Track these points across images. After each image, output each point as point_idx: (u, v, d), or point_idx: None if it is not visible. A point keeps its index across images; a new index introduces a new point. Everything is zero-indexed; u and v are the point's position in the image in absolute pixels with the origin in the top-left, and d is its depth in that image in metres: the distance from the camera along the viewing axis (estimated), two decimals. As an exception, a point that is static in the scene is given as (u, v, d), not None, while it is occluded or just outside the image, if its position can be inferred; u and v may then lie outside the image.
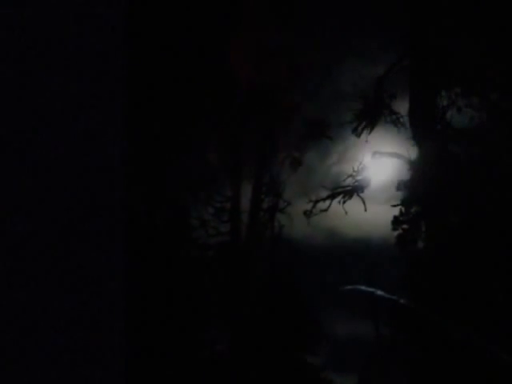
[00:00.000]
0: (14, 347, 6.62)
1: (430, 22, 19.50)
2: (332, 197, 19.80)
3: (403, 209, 20.59)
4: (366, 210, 19.75)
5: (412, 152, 19.31)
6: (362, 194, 19.74)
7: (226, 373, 20.59)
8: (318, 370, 21.66)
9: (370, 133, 20.02)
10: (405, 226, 20.59)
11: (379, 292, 13.35)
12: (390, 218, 20.79)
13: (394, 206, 20.50)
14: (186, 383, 19.74)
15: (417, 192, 19.80)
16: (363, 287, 13.45)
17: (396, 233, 20.79)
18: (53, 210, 7.13)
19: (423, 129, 19.20)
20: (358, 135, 20.12)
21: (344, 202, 19.77)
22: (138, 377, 16.80)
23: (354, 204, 19.80)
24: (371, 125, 19.95)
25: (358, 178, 19.72)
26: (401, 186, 20.68)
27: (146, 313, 19.07)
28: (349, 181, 19.81)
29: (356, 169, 19.77)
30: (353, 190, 19.73)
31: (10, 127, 6.98)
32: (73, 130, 7.20)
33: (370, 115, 19.95)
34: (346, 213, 19.79)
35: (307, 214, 20.14)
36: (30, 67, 7.07)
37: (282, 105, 21.96)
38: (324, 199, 19.90)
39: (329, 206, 19.92)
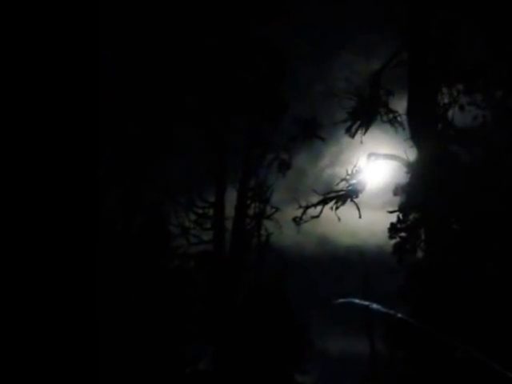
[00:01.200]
0: None
1: (430, 13, 19.36)
2: (324, 202, 19.48)
3: (401, 215, 20.73)
4: (360, 217, 19.40)
5: (410, 154, 19.09)
6: (356, 199, 19.43)
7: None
8: (309, 390, 21.53)
9: (364, 133, 19.82)
10: (403, 234, 20.77)
11: (375, 305, 12.88)
12: (387, 225, 20.97)
13: (391, 212, 20.53)
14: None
15: (416, 197, 19.72)
16: (357, 300, 13.01)
17: (393, 241, 21.01)
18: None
19: (423, 129, 18.95)
20: (352, 135, 19.90)
21: (337, 208, 19.45)
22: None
23: (347, 210, 19.57)
24: (366, 124, 19.76)
25: (352, 181, 19.41)
26: (398, 190, 20.87)
27: (119, 327, 18.89)
28: (342, 185, 19.55)
29: (350, 172, 19.48)
30: (346, 195, 19.42)
31: None
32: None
33: (365, 114, 19.77)
34: (339, 219, 19.47)
35: (297, 220, 19.81)
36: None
37: (269, 103, 22.05)
38: (315, 205, 19.57)
39: (320, 212, 19.61)
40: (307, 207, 19.51)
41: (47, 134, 6.89)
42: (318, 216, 19.54)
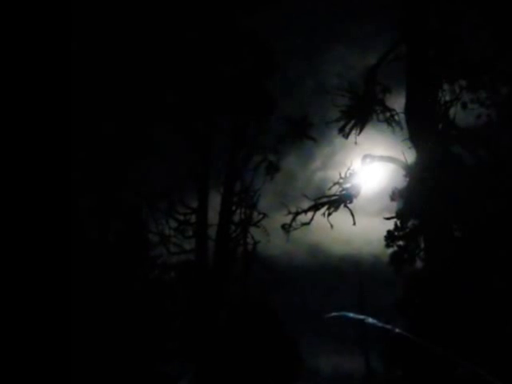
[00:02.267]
0: None
1: (430, 3, 19.19)
2: (315, 208, 19.16)
3: (398, 222, 20.92)
4: (354, 224, 19.05)
5: (409, 155, 18.88)
6: (350, 205, 19.11)
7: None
8: (299, 412, 21.94)
9: (359, 133, 19.57)
10: (400, 243, 20.97)
11: (370, 319, 12.79)
12: (383, 233, 21.21)
13: (388, 218, 20.38)
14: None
15: (414, 202, 19.57)
16: (351, 314, 12.93)
17: (390, 250, 21.27)
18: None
19: (422, 128, 18.75)
20: (346, 136, 19.63)
21: (329, 214, 19.11)
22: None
23: (340, 216, 19.30)
24: (361, 123, 19.52)
25: (346, 185, 19.09)
26: (396, 195, 21.05)
27: (93, 344, 18.79)
28: (335, 189, 19.21)
29: (343, 175, 19.13)
30: (339, 200, 19.12)
31: None
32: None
33: (360, 112, 19.53)
34: (332, 227, 19.15)
35: (286, 227, 19.47)
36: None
37: (256, 100, 22.00)
38: (306, 211, 19.26)
39: (311, 219, 19.29)
40: (297, 213, 19.23)
41: (15, 134, 6.84)
42: (308, 223, 19.29)
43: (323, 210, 19.02)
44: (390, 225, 20.98)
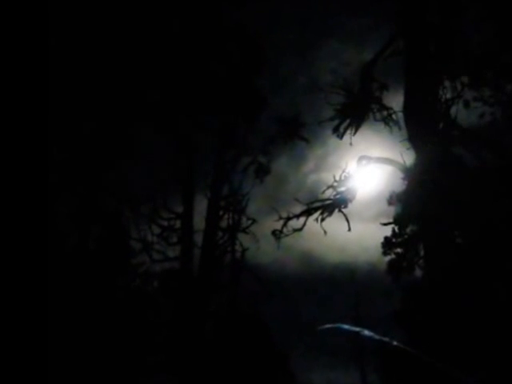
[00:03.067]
0: None
1: None
2: (308, 213, 19.04)
3: (396, 228, 21.07)
4: (349, 230, 18.90)
5: (407, 157, 18.80)
6: (344, 210, 18.96)
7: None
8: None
9: (354, 133, 19.44)
10: (398, 250, 21.11)
11: (366, 332, 12.93)
12: (380, 240, 21.37)
13: (385, 224, 20.29)
14: None
15: (413, 207, 19.55)
16: (346, 326, 13.06)
17: (388, 258, 21.44)
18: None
19: (421, 128, 18.65)
20: (340, 136, 19.50)
21: (322, 220, 18.97)
22: None
23: (334, 222, 19.19)
24: (356, 123, 19.42)
25: (341, 189, 18.94)
26: (393, 199, 21.23)
27: (71, 357, 18.68)
28: (329, 193, 19.06)
29: (338, 178, 18.99)
30: (334, 205, 18.98)
31: None
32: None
33: (355, 111, 19.43)
34: (325, 233, 18.94)
35: (277, 234, 19.31)
36: None
37: (244, 98, 22.05)
38: (298, 216, 19.11)
39: (303, 225, 19.14)
40: (288, 219, 19.08)
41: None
42: (300, 229, 19.14)
43: (316, 215, 18.91)
44: (388, 231, 21.07)
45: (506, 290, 17.27)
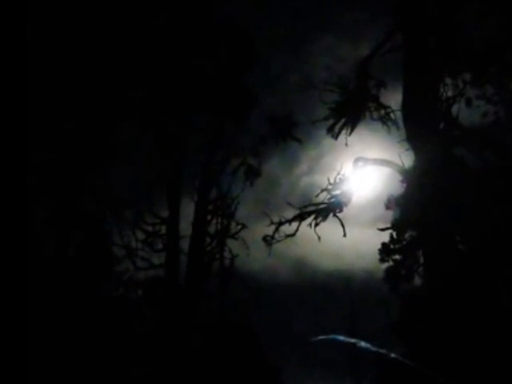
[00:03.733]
0: None
1: None
2: (301, 217, 19.06)
3: (394, 233, 21.08)
4: (345, 235, 18.91)
5: (406, 158, 18.89)
6: (339, 214, 19.01)
7: None
8: None
9: (350, 133, 19.48)
10: (397, 257, 21.12)
11: (363, 343, 13.10)
12: (378, 246, 21.41)
13: (383, 229, 20.34)
14: None
15: (412, 211, 19.49)
16: (342, 337, 13.15)
17: (385, 265, 21.45)
18: None
19: (421, 128, 18.66)
20: (335, 136, 19.54)
21: (316, 225, 18.99)
22: None
23: (329, 227, 19.23)
24: (352, 122, 19.45)
25: (335, 192, 18.96)
26: (391, 203, 21.16)
27: (50, 369, 18.50)
28: (323, 196, 19.09)
29: (332, 181, 19.00)
30: (328, 209, 19.01)
31: None
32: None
33: (351, 110, 19.45)
34: (319, 239, 18.95)
35: (268, 240, 19.32)
36: None
37: (234, 96, 21.97)
38: (290, 221, 19.13)
39: (296, 230, 19.16)
40: (280, 224, 19.10)
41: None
42: (293, 234, 19.15)
43: (310, 219, 18.96)
44: (385, 237, 21.01)
45: (507, 297, 17.22)
